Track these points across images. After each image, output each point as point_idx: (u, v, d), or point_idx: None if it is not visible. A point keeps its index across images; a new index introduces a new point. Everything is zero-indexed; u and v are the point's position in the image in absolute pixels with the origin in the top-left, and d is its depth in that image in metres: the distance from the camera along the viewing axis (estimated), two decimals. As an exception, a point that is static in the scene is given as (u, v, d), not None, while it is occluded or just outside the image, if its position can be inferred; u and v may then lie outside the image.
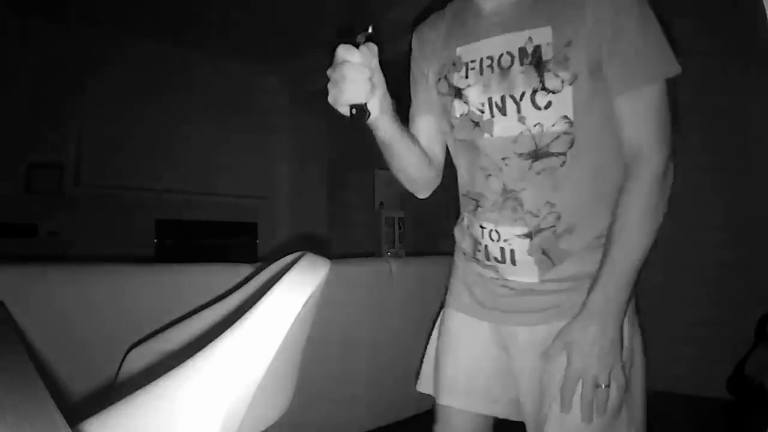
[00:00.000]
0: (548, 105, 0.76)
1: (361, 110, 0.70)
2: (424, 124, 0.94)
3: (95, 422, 0.57)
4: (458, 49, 0.85)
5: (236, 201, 4.36)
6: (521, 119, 0.78)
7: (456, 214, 0.96)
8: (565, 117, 0.76)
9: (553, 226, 0.80)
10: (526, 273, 0.82)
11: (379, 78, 0.72)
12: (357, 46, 0.68)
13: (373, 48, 0.68)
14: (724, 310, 2.30)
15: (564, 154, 0.77)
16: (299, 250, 0.83)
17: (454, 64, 0.86)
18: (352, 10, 2.93)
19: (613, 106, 0.76)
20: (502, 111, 0.80)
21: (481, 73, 0.82)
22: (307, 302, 0.67)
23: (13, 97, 3.38)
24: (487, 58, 0.81)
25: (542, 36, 0.76)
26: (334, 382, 1.78)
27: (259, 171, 4.54)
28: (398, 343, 1.98)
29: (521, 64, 0.77)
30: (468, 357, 0.91)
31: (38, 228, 3.47)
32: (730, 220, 2.31)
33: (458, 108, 0.86)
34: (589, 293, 0.76)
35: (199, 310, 1.05)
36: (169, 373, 0.60)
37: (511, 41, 0.78)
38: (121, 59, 3.80)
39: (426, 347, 0.99)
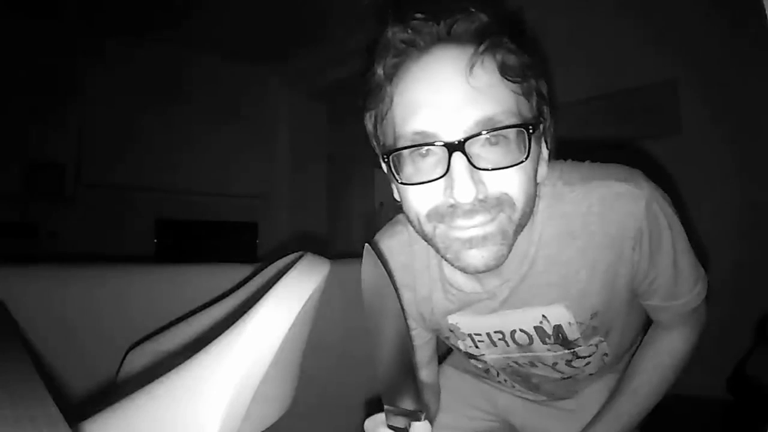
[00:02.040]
0: (587, 364, 0.72)
1: None
2: (423, 353, 0.80)
3: (95, 422, 0.56)
4: (450, 318, 0.71)
5: (236, 201, 4.35)
6: (557, 371, 0.74)
7: None
8: (603, 355, 0.73)
9: (570, 395, 0.82)
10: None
11: None
12: (402, 427, 0.51)
13: (427, 429, 0.50)
14: (724, 310, 2.30)
15: (591, 361, 0.74)
16: (299, 250, 0.83)
17: (452, 331, 0.73)
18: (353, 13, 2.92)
19: (648, 311, 0.71)
20: (534, 366, 0.74)
21: (494, 345, 0.71)
22: (306, 303, 0.67)
23: (13, 96, 3.38)
24: (496, 332, 0.70)
25: (559, 316, 0.64)
26: (335, 382, 1.77)
27: (259, 170, 4.53)
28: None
29: (543, 342, 0.68)
30: (453, 396, 0.91)
31: (38, 228, 3.47)
32: (731, 219, 2.31)
33: (476, 363, 0.79)
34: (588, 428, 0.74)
35: (199, 311, 1.05)
36: (168, 374, 0.60)
37: (522, 319, 0.67)
38: (121, 59, 3.79)
39: None
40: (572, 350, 0.69)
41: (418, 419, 0.50)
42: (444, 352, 0.99)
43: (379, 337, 0.50)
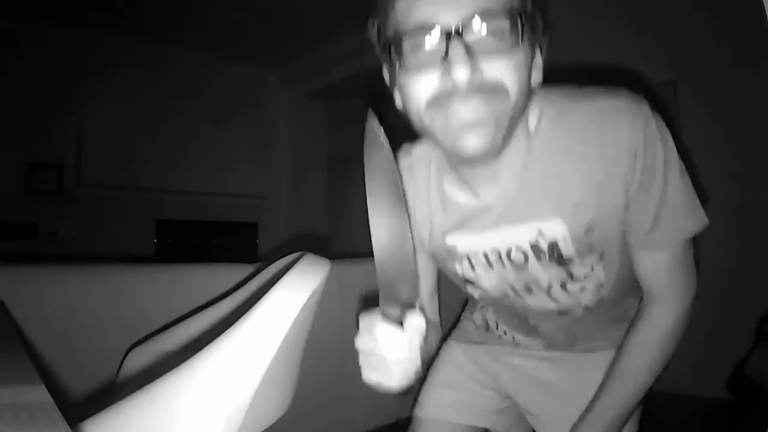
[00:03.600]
0: (582, 289, 0.72)
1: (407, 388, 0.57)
2: (425, 284, 0.80)
3: (95, 422, 0.57)
4: (449, 238, 0.72)
5: (236, 201, 4.36)
6: (552, 299, 0.74)
7: None
8: (600, 285, 0.72)
9: (569, 341, 0.83)
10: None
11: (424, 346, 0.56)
12: (398, 321, 0.52)
13: (420, 322, 0.52)
14: (724, 310, 2.30)
15: (586, 286, 0.74)
16: (299, 250, 0.83)
17: (449, 252, 0.74)
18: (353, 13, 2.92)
19: (632, 253, 0.69)
20: (529, 292, 0.74)
21: (491, 266, 0.72)
22: (307, 303, 0.67)
23: (14, 97, 3.38)
24: (492, 251, 0.70)
25: (555, 229, 0.65)
26: (334, 382, 1.78)
27: (259, 171, 4.53)
28: (398, 343, 1.97)
29: (538, 260, 0.68)
30: (460, 373, 0.93)
31: (38, 228, 3.47)
32: (731, 219, 2.31)
33: (473, 291, 0.79)
34: (580, 420, 0.74)
35: (199, 310, 1.05)
36: (169, 374, 0.60)
37: (518, 235, 0.67)
38: (121, 60, 3.80)
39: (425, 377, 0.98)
40: (567, 268, 0.69)
41: (413, 307, 0.51)
42: (446, 332, 1.00)
43: (378, 225, 0.51)
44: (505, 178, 0.64)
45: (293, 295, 0.66)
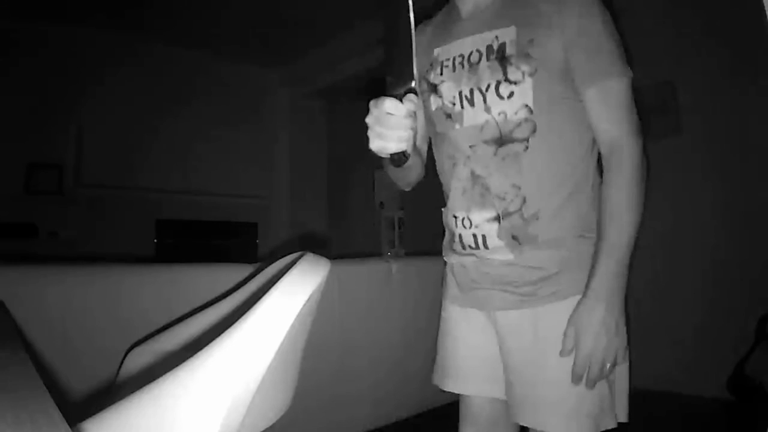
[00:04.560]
0: (511, 95, 0.83)
1: (402, 155, 0.74)
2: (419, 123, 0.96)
3: (95, 422, 0.57)
4: (436, 50, 0.93)
5: (236, 201, 4.36)
6: (487, 109, 0.85)
7: None
8: (526, 106, 0.82)
9: (520, 209, 0.84)
10: (500, 253, 0.87)
11: (415, 122, 0.74)
12: (399, 98, 0.69)
13: (415, 99, 0.70)
14: (724, 310, 2.30)
15: (527, 139, 0.83)
16: (299, 250, 0.83)
17: (431, 64, 0.93)
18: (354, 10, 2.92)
19: (584, 101, 0.82)
20: (471, 102, 0.87)
21: (454, 69, 0.89)
22: (307, 302, 0.67)
23: (14, 97, 3.38)
24: (459, 56, 0.89)
25: (507, 34, 0.84)
26: (335, 382, 1.78)
27: (259, 171, 4.53)
28: (398, 342, 1.98)
29: (488, 59, 0.85)
30: (461, 342, 0.96)
31: (38, 228, 3.47)
32: (730, 219, 2.31)
33: (434, 102, 0.93)
34: (590, 277, 0.79)
35: (199, 310, 1.05)
36: (168, 374, 0.60)
37: (481, 40, 0.86)
38: (121, 60, 3.80)
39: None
40: (504, 68, 0.83)
41: (412, 90, 0.69)
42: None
43: (386, 20, 0.70)
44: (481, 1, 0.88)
45: (293, 295, 0.66)
